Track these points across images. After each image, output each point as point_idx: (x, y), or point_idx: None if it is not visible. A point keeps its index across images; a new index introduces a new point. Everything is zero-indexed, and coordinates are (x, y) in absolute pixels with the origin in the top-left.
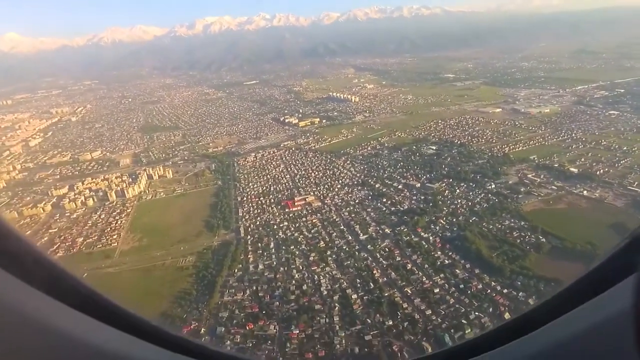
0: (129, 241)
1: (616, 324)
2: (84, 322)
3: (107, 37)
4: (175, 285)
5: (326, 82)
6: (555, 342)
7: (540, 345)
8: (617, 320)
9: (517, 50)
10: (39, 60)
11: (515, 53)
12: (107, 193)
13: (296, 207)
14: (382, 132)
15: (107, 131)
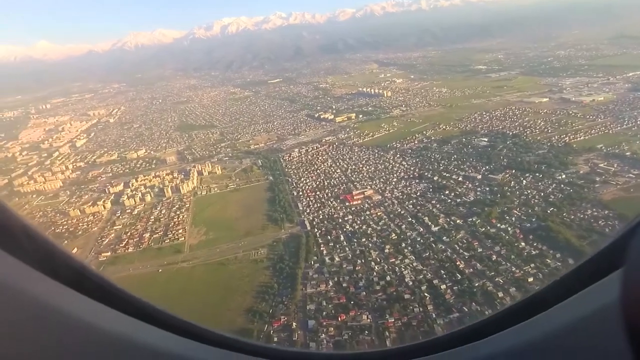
0: (195, 235)
1: (603, 316)
2: (86, 305)
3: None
4: (254, 278)
5: (351, 78)
6: (542, 334)
7: (527, 337)
8: (604, 313)
9: (547, 39)
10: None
11: (546, 42)
12: (163, 189)
13: (356, 200)
14: (425, 125)
15: (146, 131)
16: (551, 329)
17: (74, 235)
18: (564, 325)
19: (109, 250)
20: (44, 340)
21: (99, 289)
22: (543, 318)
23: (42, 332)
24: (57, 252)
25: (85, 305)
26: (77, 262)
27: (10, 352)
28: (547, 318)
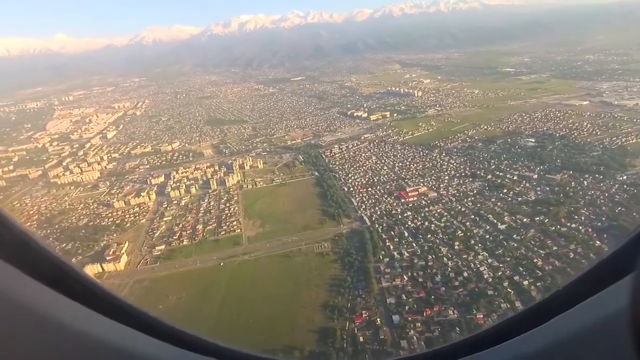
0: (250, 228)
1: (612, 323)
2: (83, 315)
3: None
4: (324, 272)
5: (375, 77)
6: (552, 341)
7: (535, 345)
8: (613, 320)
9: (572, 43)
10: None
11: (572, 46)
12: (208, 181)
13: (411, 197)
14: (464, 125)
15: (175, 124)
16: (559, 336)
17: (122, 227)
18: (572, 333)
19: (162, 243)
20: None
21: (97, 299)
22: (551, 325)
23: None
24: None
25: (81, 314)
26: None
27: None
28: (555, 325)
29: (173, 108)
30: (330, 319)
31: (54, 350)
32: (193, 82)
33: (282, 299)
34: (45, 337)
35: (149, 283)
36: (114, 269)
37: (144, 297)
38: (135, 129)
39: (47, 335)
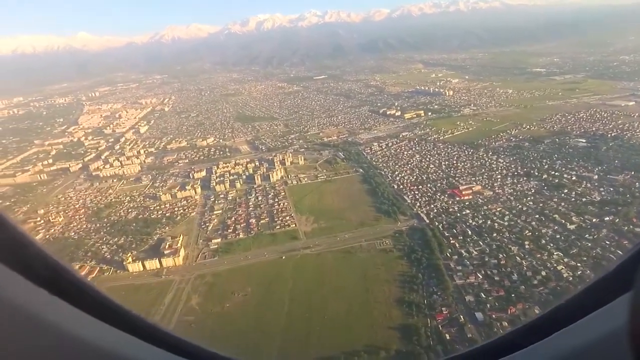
0: (304, 223)
1: (612, 340)
2: (77, 317)
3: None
4: (391, 268)
5: (400, 76)
6: (552, 357)
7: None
8: (611, 338)
9: (602, 44)
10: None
11: (602, 47)
12: (253, 176)
13: (465, 195)
14: (505, 125)
15: (205, 120)
16: (559, 352)
17: (173, 220)
18: (572, 350)
19: (218, 236)
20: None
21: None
22: (551, 341)
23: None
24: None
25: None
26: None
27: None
28: (555, 341)
29: (200, 105)
30: (409, 315)
31: (45, 352)
32: (215, 79)
33: (353, 294)
34: (37, 339)
35: (212, 278)
36: (172, 264)
37: (208, 294)
38: (166, 125)
39: (39, 337)
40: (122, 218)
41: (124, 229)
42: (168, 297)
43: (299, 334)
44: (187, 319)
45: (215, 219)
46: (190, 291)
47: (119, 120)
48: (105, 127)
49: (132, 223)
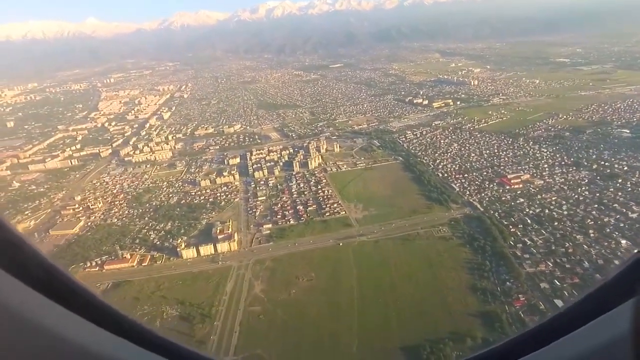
0: (354, 210)
1: (615, 347)
2: (76, 323)
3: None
4: (455, 255)
5: (418, 65)
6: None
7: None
8: (616, 343)
9: (624, 35)
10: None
11: (625, 38)
12: (290, 163)
13: (515, 184)
14: (539, 114)
15: (227, 107)
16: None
17: (218, 206)
18: (573, 357)
19: (268, 222)
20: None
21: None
22: (552, 349)
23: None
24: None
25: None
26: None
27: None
28: (557, 349)
29: (219, 92)
30: (485, 302)
31: (41, 355)
32: (228, 67)
33: (422, 281)
34: (32, 342)
35: (271, 264)
36: (227, 250)
37: (271, 281)
38: (188, 111)
39: (34, 340)
40: (164, 203)
41: (169, 214)
42: (229, 285)
43: (377, 322)
44: (254, 310)
45: (261, 205)
46: (251, 278)
47: (139, 107)
48: (127, 113)
49: (175, 208)
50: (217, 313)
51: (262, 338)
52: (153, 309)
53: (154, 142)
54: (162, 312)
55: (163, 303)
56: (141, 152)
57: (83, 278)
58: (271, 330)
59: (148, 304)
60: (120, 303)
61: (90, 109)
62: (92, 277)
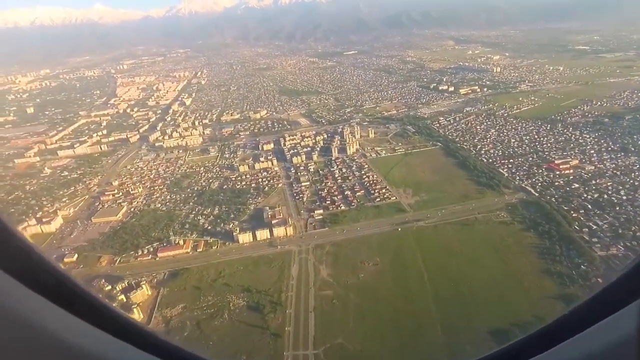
0: (404, 196)
1: (621, 349)
2: (79, 328)
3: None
4: (520, 240)
5: (434, 53)
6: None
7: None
8: (622, 345)
9: None
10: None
11: None
12: (327, 148)
13: (565, 170)
14: (572, 101)
15: (248, 94)
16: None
17: (262, 191)
18: (583, 356)
19: (318, 207)
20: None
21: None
22: (558, 351)
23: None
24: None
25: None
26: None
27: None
28: (563, 351)
29: (235, 78)
30: (564, 285)
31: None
32: (240, 53)
33: (491, 265)
34: (36, 346)
35: (332, 248)
36: (284, 234)
37: (336, 265)
38: (209, 97)
39: (38, 344)
40: (205, 188)
41: (214, 199)
42: (293, 269)
43: (455, 306)
44: (325, 294)
45: (306, 190)
46: (315, 262)
47: (159, 93)
48: (147, 99)
49: (219, 193)
50: (287, 299)
51: (340, 325)
52: (217, 299)
53: (181, 127)
54: (227, 302)
55: (227, 292)
56: (170, 137)
57: (137, 267)
58: (347, 316)
59: (211, 294)
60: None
61: (108, 95)
62: (147, 266)
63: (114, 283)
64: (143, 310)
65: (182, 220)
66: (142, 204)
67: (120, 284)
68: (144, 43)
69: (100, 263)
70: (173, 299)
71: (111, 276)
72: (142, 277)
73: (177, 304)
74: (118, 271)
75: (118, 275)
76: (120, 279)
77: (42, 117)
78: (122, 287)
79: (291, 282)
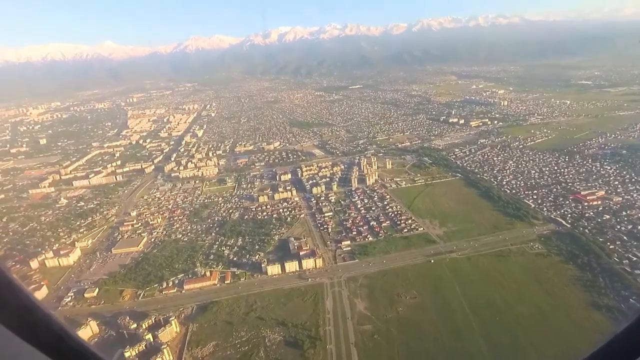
0: (431, 226)
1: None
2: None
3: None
4: (561, 272)
5: (438, 87)
6: None
7: None
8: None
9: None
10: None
11: None
12: (346, 179)
13: (592, 201)
14: (585, 133)
15: (259, 125)
16: None
17: (284, 221)
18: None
19: (345, 238)
20: None
21: None
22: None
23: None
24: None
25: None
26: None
27: None
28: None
29: (245, 111)
30: (614, 319)
31: None
32: (247, 87)
33: (536, 298)
34: None
35: (365, 281)
36: (313, 266)
37: (371, 298)
38: (220, 129)
39: None
40: (226, 219)
41: (236, 229)
42: (328, 302)
43: (507, 342)
44: (365, 329)
45: (330, 220)
46: (350, 295)
47: (170, 125)
48: (159, 131)
49: (241, 224)
50: (326, 334)
51: None
52: (252, 334)
53: (196, 158)
54: (263, 337)
55: (261, 326)
56: (186, 168)
57: (162, 301)
58: (392, 352)
59: (244, 329)
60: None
61: (119, 126)
62: (173, 300)
63: (139, 320)
64: (172, 349)
65: (205, 251)
66: (162, 235)
67: (147, 320)
68: (152, 77)
69: (123, 298)
70: (203, 336)
71: (135, 312)
72: (169, 312)
73: (209, 341)
74: (142, 306)
75: (143, 312)
76: (145, 315)
77: (54, 148)
78: (149, 325)
79: (327, 315)
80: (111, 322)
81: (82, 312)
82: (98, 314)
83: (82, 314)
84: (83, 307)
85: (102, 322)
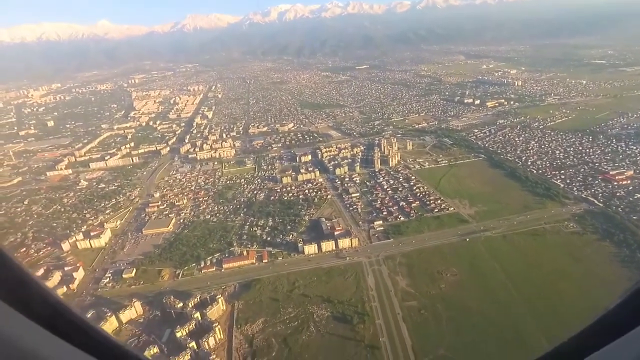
0: (461, 206)
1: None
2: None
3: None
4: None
5: (448, 67)
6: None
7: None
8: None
9: None
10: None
11: None
12: (368, 160)
13: (622, 180)
14: (606, 113)
15: (269, 107)
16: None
17: (312, 202)
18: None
19: (376, 218)
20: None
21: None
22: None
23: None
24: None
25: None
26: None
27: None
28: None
29: (251, 92)
30: None
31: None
32: (250, 68)
33: (578, 275)
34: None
35: (403, 259)
36: (348, 245)
37: (412, 275)
38: (229, 111)
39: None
40: (252, 200)
41: (264, 210)
42: (369, 280)
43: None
44: (411, 305)
45: (358, 201)
46: (390, 273)
47: (177, 106)
48: (168, 112)
49: (268, 205)
50: (372, 310)
51: (437, 336)
52: (299, 310)
53: (210, 140)
54: (310, 313)
55: (307, 303)
56: (202, 149)
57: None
58: (441, 327)
59: (291, 306)
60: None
61: (126, 108)
62: (213, 279)
63: (184, 299)
64: (221, 327)
65: (237, 231)
66: (190, 215)
67: (192, 299)
68: (151, 58)
69: (162, 277)
70: (251, 313)
71: (178, 292)
72: (213, 291)
73: (257, 318)
74: (184, 285)
75: (185, 291)
76: (189, 294)
77: (63, 130)
78: (195, 303)
79: (370, 292)
80: (154, 302)
81: (122, 292)
82: (139, 294)
83: (124, 295)
84: (123, 287)
85: (145, 302)
